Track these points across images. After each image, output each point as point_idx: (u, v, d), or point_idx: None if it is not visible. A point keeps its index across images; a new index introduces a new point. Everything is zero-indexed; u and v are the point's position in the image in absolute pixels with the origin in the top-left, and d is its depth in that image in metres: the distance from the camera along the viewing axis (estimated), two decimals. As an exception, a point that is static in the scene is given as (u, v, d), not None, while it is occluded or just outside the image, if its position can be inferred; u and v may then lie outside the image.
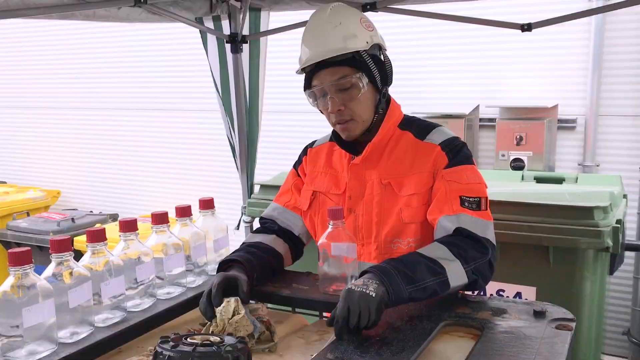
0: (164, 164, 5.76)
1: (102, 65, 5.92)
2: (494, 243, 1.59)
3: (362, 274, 1.43)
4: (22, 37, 6.37)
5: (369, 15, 2.72)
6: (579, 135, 3.97)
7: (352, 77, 1.63)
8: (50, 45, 6.20)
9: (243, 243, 1.80)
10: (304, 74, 1.73)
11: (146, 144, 5.85)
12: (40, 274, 1.29)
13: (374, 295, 1.31)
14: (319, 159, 1.87)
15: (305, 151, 1.94)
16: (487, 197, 1.63)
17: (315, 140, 1.95)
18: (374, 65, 1.66)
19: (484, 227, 1.58)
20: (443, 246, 1.50)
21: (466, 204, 1.58)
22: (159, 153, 5.78)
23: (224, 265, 1.63)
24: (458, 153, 1.65)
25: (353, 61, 1.63)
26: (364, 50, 1.64)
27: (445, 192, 1.60)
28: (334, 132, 1.83)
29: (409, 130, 1.73)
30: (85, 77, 6.07)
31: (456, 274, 1.46)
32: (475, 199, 1.59)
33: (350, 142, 1.76)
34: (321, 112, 1.76)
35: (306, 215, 1.84)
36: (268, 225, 1.88)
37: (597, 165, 3.94)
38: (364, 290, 1.32)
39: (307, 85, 1.71)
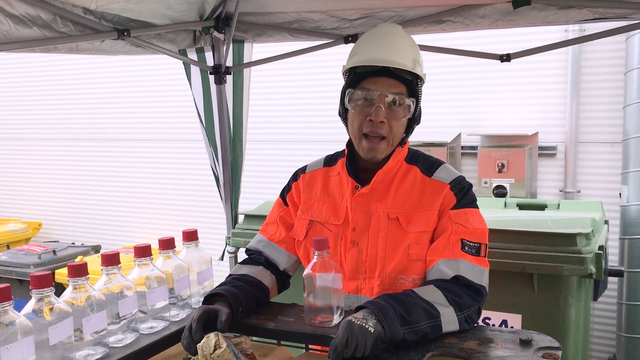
0: (147, 195, 5.73)
1: (83, 95, 5.92)
2: (487, 289, 1.60)
3: (358, 308, 1.43)
4: (0, 69, 6.35)
5: (350, 47, 2.76)
6: (560, 162, 4.03)
7: (406, 97, 1.63)
8: (30, 76, 6.19)
9: (229, 275, 1.77)
10: (349, 74, 1.68)
11: (129, 175, 5.82)
12: (21, 308, 1.26)
13: (372, 331, 1.32)
14: (315, 185, 1.82)
15: (296, 177, 1.88)
16: (487, 244, 1.63)
17: (307, 165, 1.89)
18: (420, 100, 1.68)
19: (481, 273, 1.58)
20: (439, 291, 1.50)
21: (466, 248, 1.58)
22: (141, 184, 5.75)
23: (209, 299, 1.61)
24: (466, 195, 1.66)
25: (411, 85, 1.64)
26: (421, 82, 1.68)
27: (449, 234, 1.61)
28: (333, 157, 1.82)
29: (415, 164, 1.73)
30: (66, 108, 6.05)
31: (449, 320, 1.46)
32: (476, 245, 1.60)
33: (355, 170, 1.74)
34: (344, 122, 1.74)
35: (300, 245, 1.79)
36: (255, 257, 1.85)
37: (578, 192, 3.99)
38: (364, 324, 1.32)
39: (353, 84, 1.65)
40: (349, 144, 1.77)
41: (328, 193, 1.78)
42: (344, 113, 1.73)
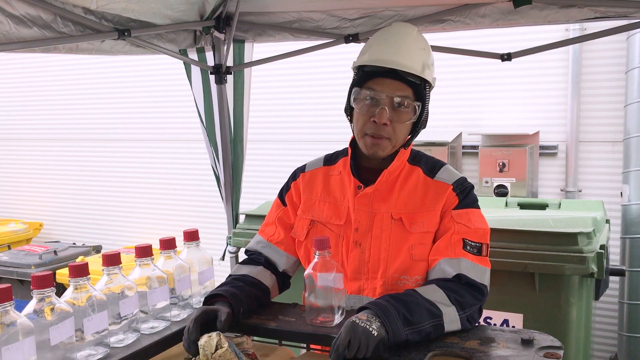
0: (148, 195, 5.73)
1: (84, 95, 5.92)
2: (488, 289, 1.60)
3: (360, 309, 1.42)
4: (1, 69, 6.35)
5: (351, 46, 2.77)
6: (561, 162, 4.03)
7: (412, 101, 1.62)
8: (30, 76, 6.19)
9: (229, 275, 1.77)
10: (357, 72, 1.67)
11: (129, 175, 5.82)
12: (22, 308, 1.26)
13: (375, 334, 1.32)
14: (315, 184, 1.80)
15: (295, 176, 1.87)
16: (488, 244, 1.63)
17: (306, 164, 1.88)
18: (427, 104, 1.67)
19: (482, 272, 1.58)
20: (441, 291, 1.50)
21: (468, 247, 1.58)
22: (142, 184, 5.75)
23: (209, 300, 1.60)
24: (467, 195, 1.66)
25: (418, 89, 1.63)
26: (430, 86, 1.66)
27: (451, 234, 1.61)
28: (333, 156, 1.81)
29: (418, 165, 1.73)
30: (66, 108, 6.05)
31: (451, 320, 1.46)
32: (477, 244, 1.60)
33: (357, 170, 1.73)
34: (349, 119, 1.73)
35: (301, 246, 1.78)
36: (254, 257, 1.84)
37: (580, 191, 3.99)
38: (367, 326, 1.32)
39: (360, 83, 1.65)
40: (352, 143, 1.77)
41: (329, 192, 1.77)
42: (349, 110, 1.73)
